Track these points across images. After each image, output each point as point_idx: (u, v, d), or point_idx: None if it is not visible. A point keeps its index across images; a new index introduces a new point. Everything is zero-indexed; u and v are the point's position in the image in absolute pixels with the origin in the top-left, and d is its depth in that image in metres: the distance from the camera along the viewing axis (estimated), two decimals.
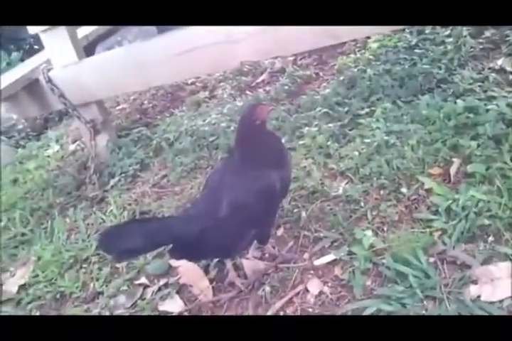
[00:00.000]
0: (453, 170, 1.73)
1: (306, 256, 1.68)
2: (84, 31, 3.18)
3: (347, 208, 1.77)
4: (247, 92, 2.88)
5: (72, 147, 3.19)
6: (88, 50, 3.05)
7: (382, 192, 1.79)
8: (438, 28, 2.73)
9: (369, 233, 1.60)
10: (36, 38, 3.51)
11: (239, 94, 2.90)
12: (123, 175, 2.52)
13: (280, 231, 1.81)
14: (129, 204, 2.29)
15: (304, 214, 1.82)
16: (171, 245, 1.53)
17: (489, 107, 1.92)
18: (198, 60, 2.35)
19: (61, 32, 2.59)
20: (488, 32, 2.57)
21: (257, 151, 1.53)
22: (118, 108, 3.44)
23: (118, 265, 1.97)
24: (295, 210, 1.84)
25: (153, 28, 4.15)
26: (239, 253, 1.68)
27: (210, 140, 2.46)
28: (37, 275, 2.08)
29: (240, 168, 1.54)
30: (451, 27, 2.69)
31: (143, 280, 1.85)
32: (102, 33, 3.71)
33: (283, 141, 2.21)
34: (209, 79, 3.27)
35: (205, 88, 3.19)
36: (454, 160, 1.76)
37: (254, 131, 1.54)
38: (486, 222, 1.48)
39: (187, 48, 2.37)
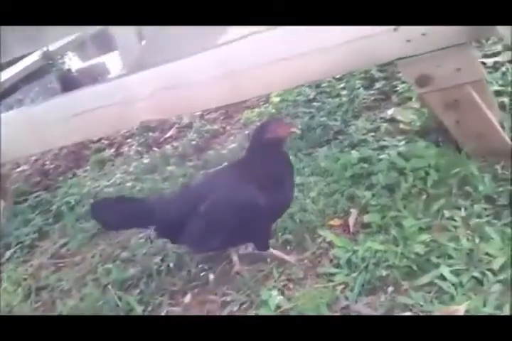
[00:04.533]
0: (351, 221, 1.77)
1: None
2: None
3: (253, 267, 1.73)
4: (155, 149, 2.84)
5: None
6: None
7: (288, 247, 1.79)
8: (333, 81, 2.90)
9: (275, 293, 1.57)
10: None
11: (146, 151, 2.85)
12: (19, 245, 2.33)
13: (188, 298, 1.73)
14: (25, 280, 2.10)
15: (211, 276, 1.76)
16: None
17: (381, 157, 2.02)
18: (96, 121, 2.29)
19: None
20: (379, 83, 2.76)
21: (259, 167, 1.57)
22: (18, 170, 3.24)
23: None
24: (202, 273, 1.78)
25: (56, 86, 4.06)
26: (210, 251, 1.78)
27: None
28: None
29: (235, 175, 1.61)
30: (345, 80, 2.87)
31: None
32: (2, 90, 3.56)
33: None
34: (116, 135, 3.20)
35: (111, 145, 3.11)
36: (352, 210, 1.81)
37: (263, 146, 1.56)
38: (384, 272, 1.51)
39: (84, 109, 2.31)
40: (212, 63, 2.02)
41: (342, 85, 2.82)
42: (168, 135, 2.99)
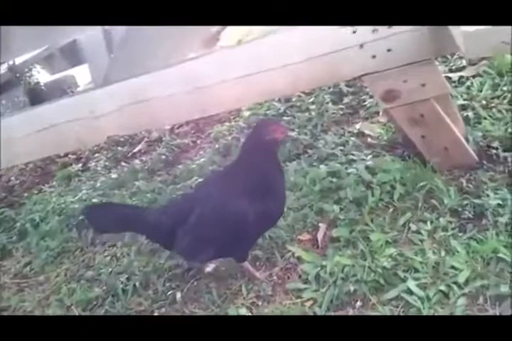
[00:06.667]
0: (320, 235, 1.77)
1: None
2: None
3: (222, 284, 1.71)
4: (123, 163, 2.79)
5: None
6: None
7: (257, 263, 1.77)
8: (303, 95, 2.92)
9: (243, 311, 1.55)
10: None
11: (114, 166, 2.80)
12: None
13: None
14: None
15: (178, 295, 1.72)
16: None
17: (349, 171, 2.03)
18: (63, 135, 2.24)
19: None
20: (347, 98, 2.79)
21: (253, 171, 1.52)
22: None
23: None
24: (169, 292, 1.74)
25: (24, 99, 3.97)
26: (201, 262, 1.74)
27: (80, 218, 2.29)
28: None
29: (226, 185, 1.56)
30: (314, 94, 2.89)
31: None
32: None
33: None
34: (83, 149, 3.13)
35: (79, 160, 3.05)
36: (320, 225, 1.81)
37: (260, 148, 1.52)
38: (352, 287, 1.50)
39: (51, 124, 2.27)
40: (179, 78, 2.01)
41: (311, 100, 2.83)
42: (136, 149, 2.95)
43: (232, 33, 3.61)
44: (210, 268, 1.79)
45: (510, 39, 1.35)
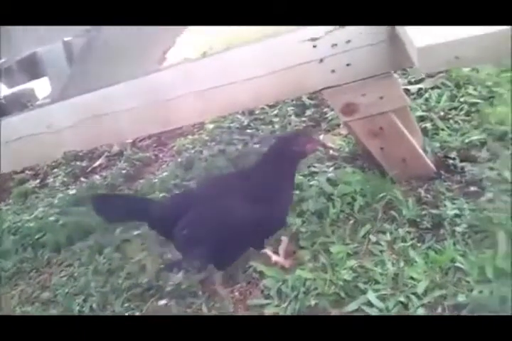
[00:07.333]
0: (282, 248, 1.75)
1: None
2: None
3: (182, 302, 1.66)
4: (82, 179, 2.72)
5: None
6: None
7: None
8: (267, 108, 2.93)
9: None
10: None
11: (72, 182, 2.71)
12: None
13: None
14: None
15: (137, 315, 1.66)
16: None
17: (311, 183, 2.04)
18: (19, 151, 2.17)
19: None
20: (309, 111, 2.82)
21: (262, 183, 1.53)
22: None
23: None
24: (127, 313, 1.68)
25: None
26: (193, 259, 1.66)
27: (35, 237, 2.21)
28: None
29: (234, 187, 1.57)
30: (278, 107, 2.90)
31: None
32: None
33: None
34: (42, 165, 3.04)
35: (36, 176, 2.95)
36: (283, 238, 1.79)
37: (284, 159, 1.53)
38: (313, 301, 1.49)
39: (6, 139, 2.18)
40: (141, 91, 1.99)
41: (275, 112, 2.84)
42: (96, 164, 2.88)
43: (196, 46, 3.60)
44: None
45: (462, 54, 1.38)
